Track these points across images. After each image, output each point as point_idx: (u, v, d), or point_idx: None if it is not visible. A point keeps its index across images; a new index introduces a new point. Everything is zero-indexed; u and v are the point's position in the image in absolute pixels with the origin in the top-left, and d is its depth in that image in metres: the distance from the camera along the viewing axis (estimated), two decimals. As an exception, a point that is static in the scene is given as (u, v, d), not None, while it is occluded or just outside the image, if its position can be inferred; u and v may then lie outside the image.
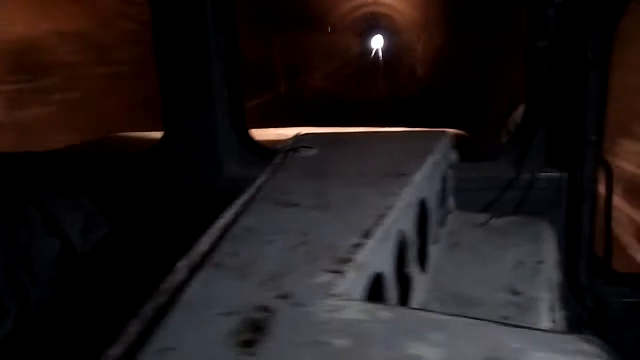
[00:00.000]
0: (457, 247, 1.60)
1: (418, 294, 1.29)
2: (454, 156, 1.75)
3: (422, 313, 0.78)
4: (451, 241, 1.63)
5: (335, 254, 0.90)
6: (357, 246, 0.93)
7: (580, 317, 2.24)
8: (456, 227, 1.71)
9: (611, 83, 2.04)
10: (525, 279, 1.40)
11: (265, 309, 0.75)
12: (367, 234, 0.98)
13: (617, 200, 3.50)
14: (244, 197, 1.19)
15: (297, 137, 1.67)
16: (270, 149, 2.34)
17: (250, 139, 2.34)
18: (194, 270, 0.86)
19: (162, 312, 0.78)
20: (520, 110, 2.69)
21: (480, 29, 7.28)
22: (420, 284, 1.32)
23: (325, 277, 0.82)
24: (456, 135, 3.59)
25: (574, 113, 2.07)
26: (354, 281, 0.86)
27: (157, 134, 2.43)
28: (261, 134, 3.54)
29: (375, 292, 0.99)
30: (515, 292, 1.34)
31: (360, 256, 0.91)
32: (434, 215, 1.48)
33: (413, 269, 1.26)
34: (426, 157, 1.50)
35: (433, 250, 1.47)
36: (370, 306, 0.76)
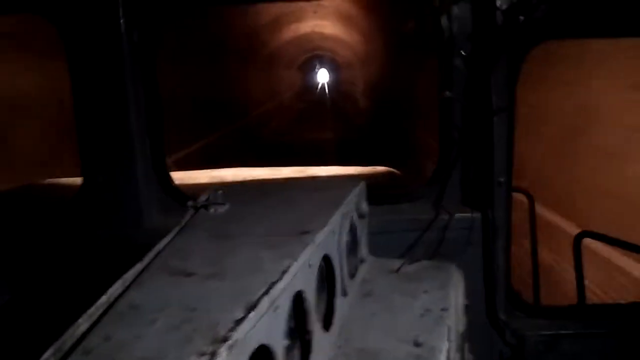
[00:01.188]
0: (369, 297, 1.63)
1: (322, 352, 1.30)
2: (365, 206, 1.79)
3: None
4: (363, 291, 1.66)
5: (214, 332, 0.90)
6: (239, 321, 0.94)
7: (501, 353, 2.31)
8: (369, 276, 1.75)
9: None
10: (429, 329, 1.44)
11: None
12: (252, 306, 0.99)
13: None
14: (137, 267, 1.18)
15: (211, 192, 1.67)
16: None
17: (173, 188, 2.32)
18: (62, 358, 0.83)
19: None
20: None
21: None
22: (325, 341, 1.34)
23: None
24: (386, 172, 3.71)
25: (483, 156, 2.19)
26: None
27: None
28: (195, 176, 3.52)
29: None
30: (418, 344, 1.38)
31: (240, 332, 0.91)
32: (340, 269, 1.50)
33: (315, 329, 1.27)
34: (333, 212, 1.53)
35: (341, 305, 1.49)
36: None
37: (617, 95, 4.21)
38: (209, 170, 3.75)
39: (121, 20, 2.07)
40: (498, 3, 1.99)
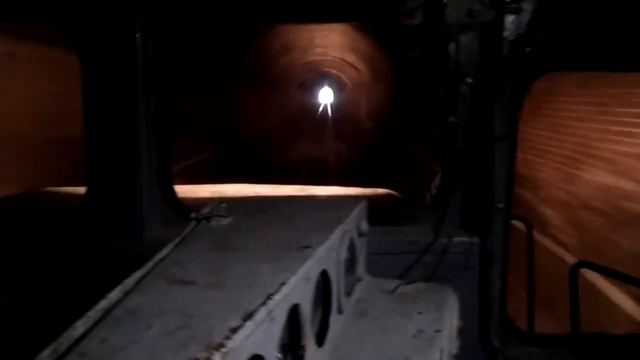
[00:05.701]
0: (364, 317, 1.64)
1: (314, 368, 1.31)
2: (365, 225, 1.81)
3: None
4: (358, 310, 1.67)
5: (210, 340, 0.92)
6: (235, 330, 0.95)
7: (495, 380, 2.30)
8: (365, 295, 1.76)
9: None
10: (421, 350, 1.45)
11: None
12: (249, 316, 1.01)
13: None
14: (138, 273, 1.20)
15: (214, 205, 1.69)
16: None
17: (176, 200, 2.34)
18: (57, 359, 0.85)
19: None
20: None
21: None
22: (318, 357, 1.34)
23: None
24: (387, 195, 3.74)
25: (484, 182, 2.22)
26: None
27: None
28: (196, 190, 3.55)
29: None
30: None
31: (235, 341, 0.93)
32: (337, 286, 1.52)
33: (309, 344, 1.28)
34: (334, 228, 1.56)
35: (336, 322, 1.50)
36: None
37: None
38: (210, 185, 3.79)
39: (137, 34, 2.12)
40: (505, 34, 2.04)
